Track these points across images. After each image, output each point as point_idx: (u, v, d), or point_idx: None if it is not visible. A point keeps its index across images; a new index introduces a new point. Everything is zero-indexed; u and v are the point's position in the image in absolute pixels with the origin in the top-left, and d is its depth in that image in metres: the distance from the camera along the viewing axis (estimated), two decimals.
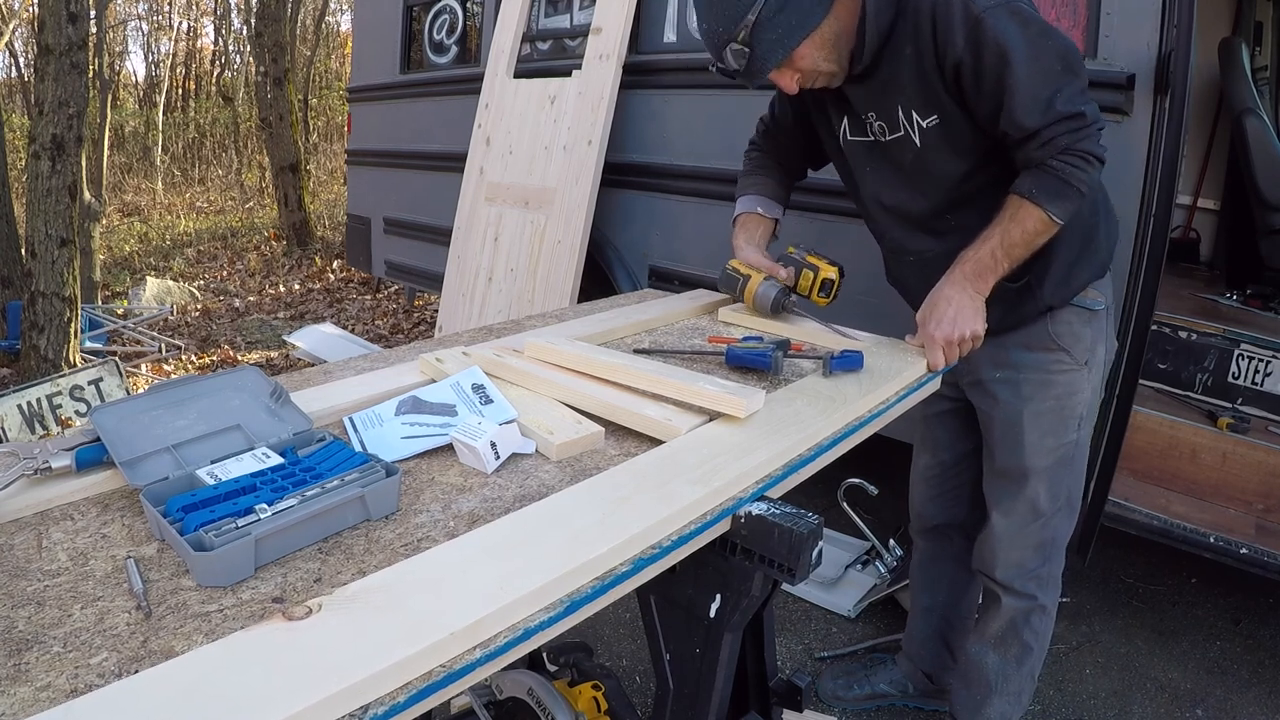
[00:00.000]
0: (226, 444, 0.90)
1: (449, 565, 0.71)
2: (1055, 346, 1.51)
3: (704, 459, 0.94)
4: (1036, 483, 1.56)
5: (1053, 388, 1.52)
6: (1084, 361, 1.52)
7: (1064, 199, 1.29)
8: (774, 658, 1.44)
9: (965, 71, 1.29)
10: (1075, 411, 1.53)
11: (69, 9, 3.82)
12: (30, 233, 3.98)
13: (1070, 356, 1.51)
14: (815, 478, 1.09)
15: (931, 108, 1.36)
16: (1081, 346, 1.51)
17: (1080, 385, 1.53)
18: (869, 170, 1.53)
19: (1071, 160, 1.27)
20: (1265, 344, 2.40)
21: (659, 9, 2.93)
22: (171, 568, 0.72)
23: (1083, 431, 1.56)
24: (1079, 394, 1.53)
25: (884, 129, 1.43)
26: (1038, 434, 1.54)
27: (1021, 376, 1.54)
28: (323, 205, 10.43)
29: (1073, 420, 1.54)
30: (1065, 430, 1.54)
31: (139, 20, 15.66)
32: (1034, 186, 1.30)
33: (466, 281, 3.55)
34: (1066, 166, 1.27)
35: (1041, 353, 1.52)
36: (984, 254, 1.34)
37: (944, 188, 1.44)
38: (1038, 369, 1.53)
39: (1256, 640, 2.30)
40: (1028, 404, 1.53)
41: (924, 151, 1.40)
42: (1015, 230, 1.32)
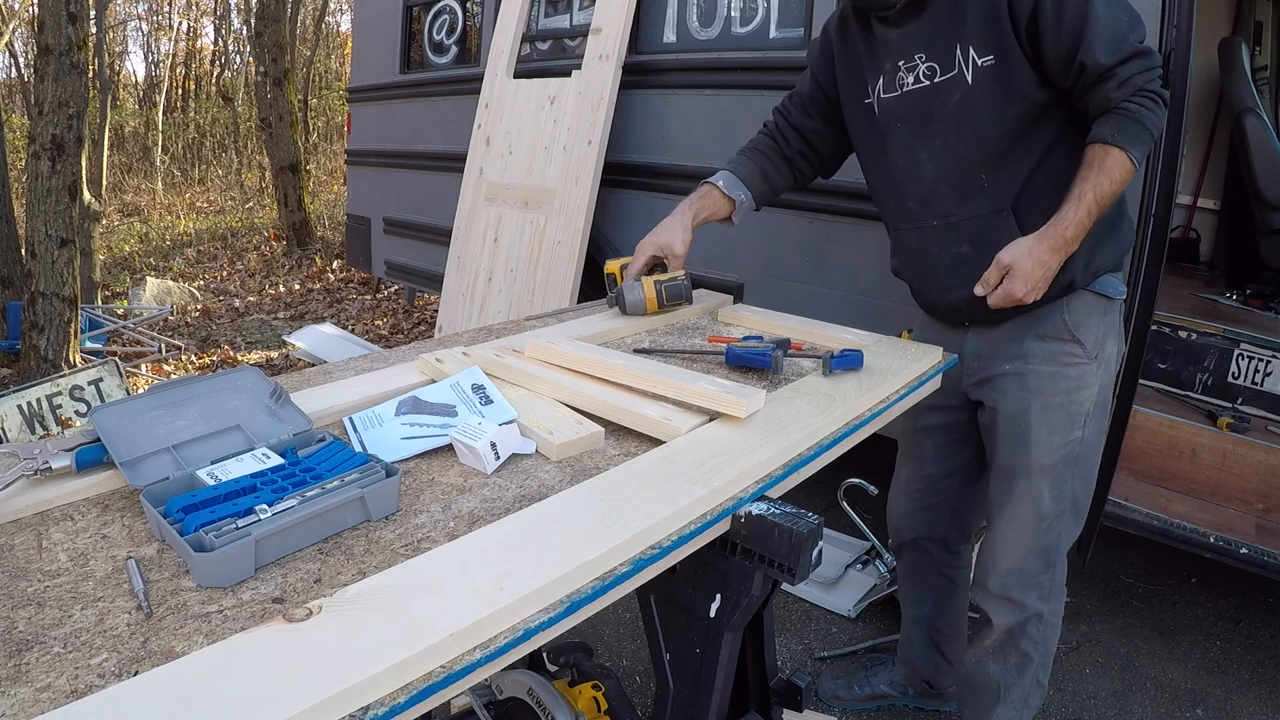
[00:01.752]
0: (226, 444, 0.90)
1: (449, 566, 0.71)
2: (1068, 336, 1.46)
3: (704, 459, 0.94)
4: (1040, 481, 1.50)
5: (1061, 381, 1.47)
6: (1094, 355, 1.47)
7: (1142, 142, 1.28)
8: (774, 658, 1.44)
9: (1045, 6, 1.28)
10: (1082, 407, 1.48)
11: (69, 9, 3.82)
12: (30, 233, 3.98)
13: (1082, 348, 1.46)
14: (815, 478, 1.09)
15: (990, 47, 1.33)
16: (1093, 338, 1.46)
17: (1089, 379, 1.47)
18: (900, 126, 1.48)
19: (1144, 102, 1.26)
20: (1265, 344, 2.40)
21: (659, 9, 2.93)
22: (172, 568, 0.72)
23: (1089, 429, 1.49)
24: (1087, 389, 1.47)
25: (934, 70, 1.39)
26: (1045, 430, 1.48)
27: (1030, 368, 1.48)
28: (323, 205, 10.43)
29: (1079, 416, 1.48)
30: (1071, 426, 1.48)
31: (139, 20, 15.67)
32: (1115, 131, 1.27)
33: (466, 281, 3.55)
34: (1141, 108, 1.26)
35: (1053, 342, 1.47)
36: (1081, 213, 1.29)
37: (984, 138, 1.39)
38: (1048, 360, 1.47)
39: (1256, 640, 2.30)
40: (1035, 398, 1.48)
41: (972, 94, 1.36)
42: (1105, 181, 1.28)
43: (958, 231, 1.45)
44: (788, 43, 2.59)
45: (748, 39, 2.69)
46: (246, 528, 0.72)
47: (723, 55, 2.75)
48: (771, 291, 2.62)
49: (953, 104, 1.38)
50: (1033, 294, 1.32)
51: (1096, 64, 1.27)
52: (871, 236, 2.41)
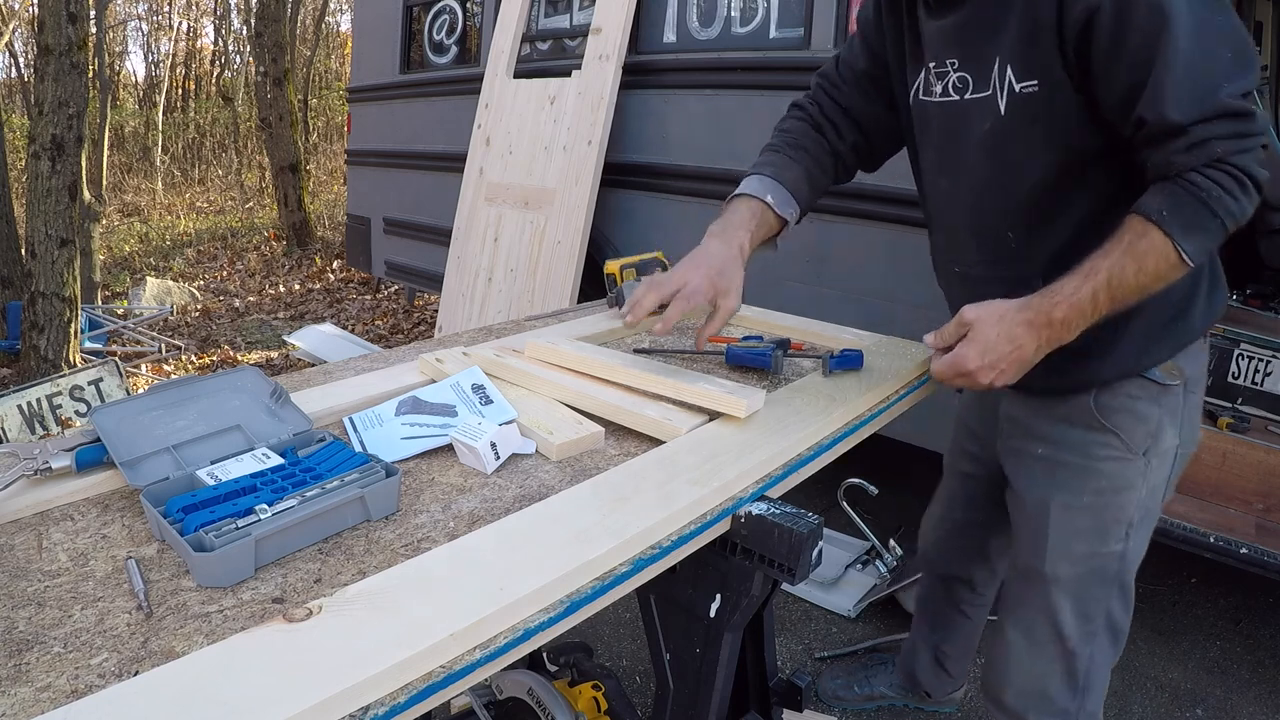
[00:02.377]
0: (226, 444, 0.90)
1: (449, 566, 0.71)
2: (1100, 425, 1.17)
3: (704, 459, 0.94)
4: (1059, 595, 1.23)
5: (1093, 478, 1.18)
6: (1141, 450, 1.16)
7: (1203, 233, 0.94)
8: (774, 658, 1.44)
9: (1101, 23, 0.94)
10: (1123, 514, 1.18)
11: (69, 9, 3.82)
12: (30, 233, 3.98)
13: (1121, 441, 1.16)
14: (815, 478, 1.09)
15: (1033, 69, 1.01)
16: (1141, 430, 1.15)
17: (1132, 480, 1.16)
18: (928, 139, 1.21)
19: (1222, 179, 0.93)
20: (1265, 344, 2.39)
21: (659, 9, 2.93)
22: (172, 568, 0.72)
23: (1132, 542, 1.20)
24: (1129, 491, 1.17)
25: (966, 83, 1.09)
26: (1066, 534, 1.21)
27: (1059, 457, 1.21)
28: (323, 205, 10.43)
29: (1117, 526, 1.18)
30: (1105, 537, 1.19)
31: (139, 20, 15.67)
32: (1167, 208, 0.95)
33: (466, 282, 3.55)
34: (1215, 186, 0.93)
35: (1084, 430, 1.18)
36: (1083, 296, 0.98)
37: (1016, 187, 1.10)
38: (1076, 450, 1.19)
39: (1256, 640, 2.30)
40: (1057, 494, 1.21)
41: (1006, 125, 1.06)
42: (1130, 268, 0.96)
43: (974, 289, 1.15)
44: (788, 43, 2.59)
45: (748, 39, 2.69)
46: (246, 528, 0.72)
47: (723, 55, 2.75)
48: (771, 291, 2.61)
49: (981, 133, 1.09)
50: (991, 375, 1.01)
51: (1162, 118, 0.93)
52: (872, 237, 2.41)
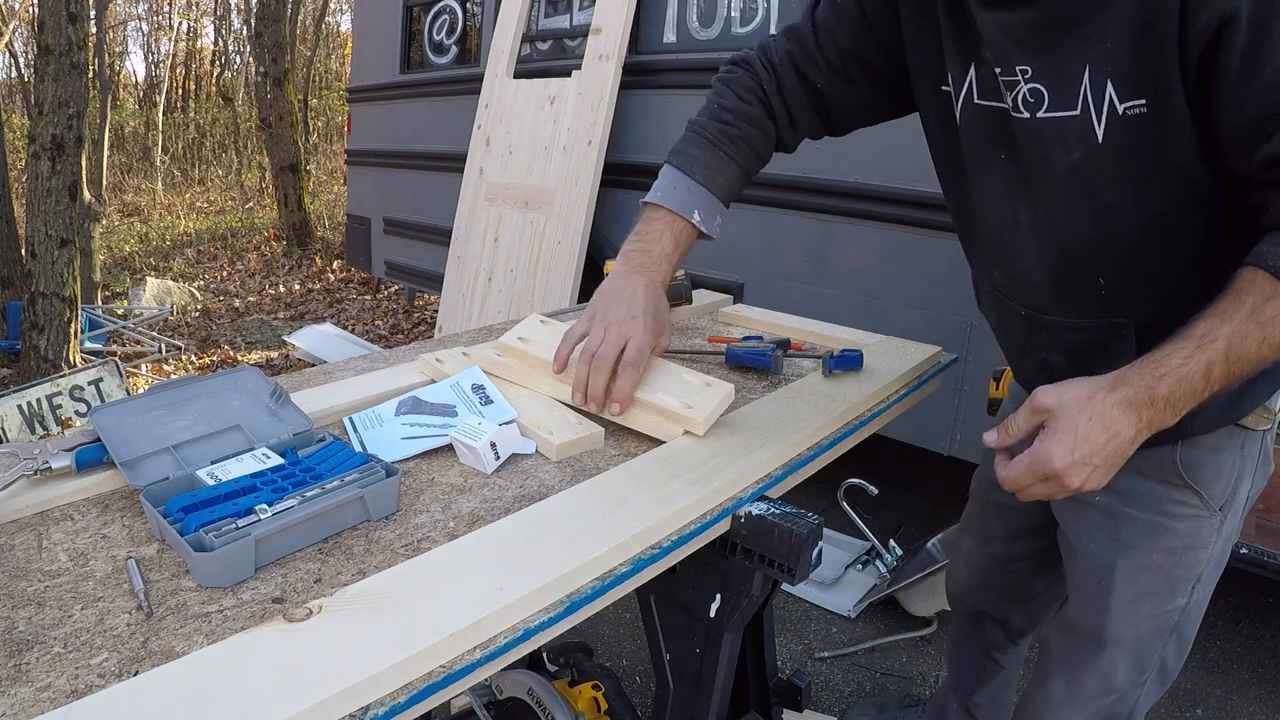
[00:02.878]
0: (226, 444, 0.90)
1: (449, 566, 0.71)
2: (1180, 482, 1.03)
3: (704, 459, 0.94)
4: (1116, 653, 1.12)
5: (1165, 538, 1.05)
6: (1219, 506, 1.03)
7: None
8: (774, 658, 1.44)
9: (1235, 36, 0.73)
10: (1192, 572, 1.06)
11: (69, 9, 3.82)
12: (30, 233, 3.99)
13: (1200, 498, 1.03)
14: (815, 478, 1.09)
15: (1143, 86, 0.80)
16: (1221, 484, 1.02)
17: (1206, 538, 1.05)
18: (988, 158, 0.98)
19: None
20: None
21: (659, 9, 2.93)
22: (172, 568, 0.72)
23: (1196, 596, 1.08)
24: (1202, 549, 1.05)
25: (1042, 98, 0.87)
26: (1130, 596, 1.08)
27: (1126, 511, 1.06)
28: (323, 205, 10.44)
29: (1184, 582, 1.07)
30: (1172, 594, 1.07)
31: (139, 20, 15.67)
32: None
33: (466, 282, 3.55)
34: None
35: (1158, 484, 1.04)
36: (1194, 370, 0.78)
37: (1115, 229, 0.89)
38: (1149, 506, 1.05)
39: (1256, 640, 2.30)
40: (1125, 553, 1.07)
41: (1104, 154, 0.85)
42: (1254, 335, 0.77)
43: (1050, 336, 1.02)
44: None
45: (748, 39, 2.69)
46: (246, 528, 0.72)
47: (723, 55, 2.74)
48: (771, 291, 2.62)
49: (1067, 164, 0.88)
50: (1084, 473, 0.81)
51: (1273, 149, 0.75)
52: (873, 237, 2.41)
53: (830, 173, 2.43)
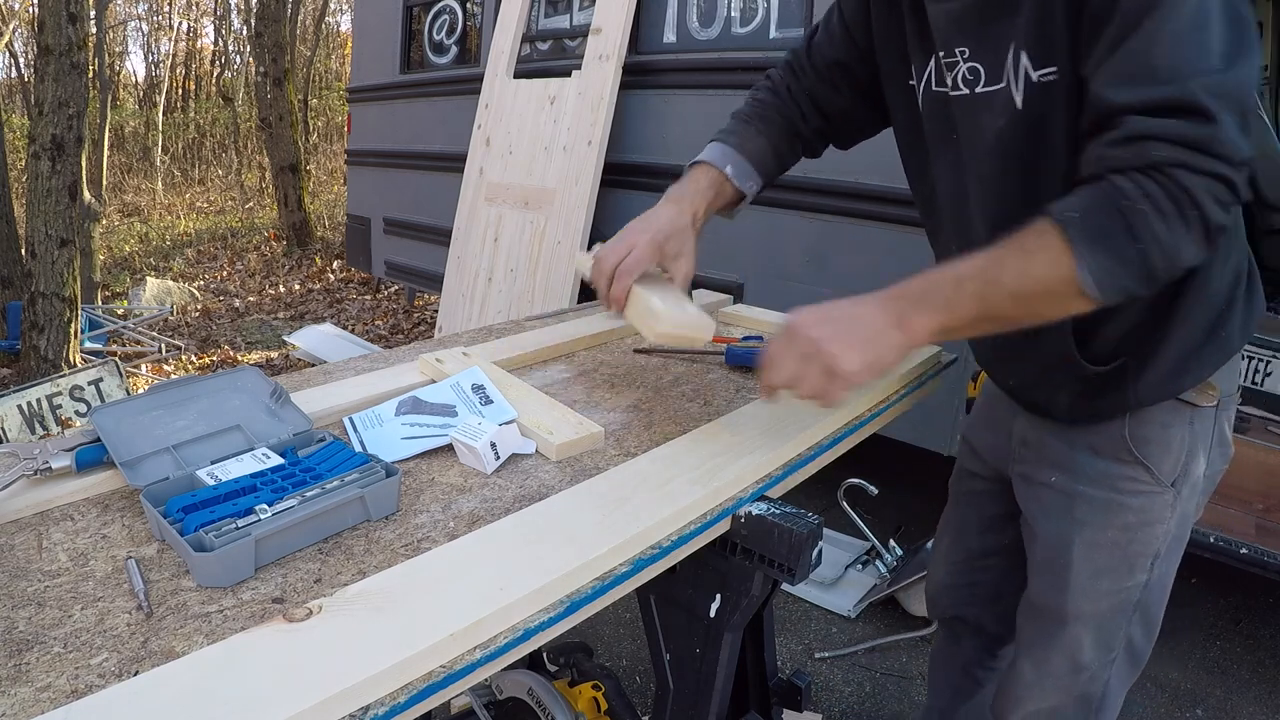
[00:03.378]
0: (226, 444, 0.90)
1: (449, 566, 0.71)
2: (1130, 457, 1.05)
3: (704, 459, 0.94)
4: (1079, 630, 1.14)
5: (1119, 514, 1.08)
6: (1170, 481, 1.05)
7: (1114, 255, 0.75)
8: (774, 658, 1.44)
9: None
10: (1149, 548, 1.08)
11: (69, 9, 3.82)
12: (30, 233, 3.99)
13: (1150, 474, 1.05)
14: (815, 478, 1.09)
15: (1051, 53, 0.85)
16: (1171, 459, 1.04)
17: (1161, 514, 1.07)
18: (940, 140, 1.04)
19: (1156, 193, 0.73)
20: (1265, 344, 2.39)
21: (659, 9, 2.93)
22: (172, 568, 0.72)
23: (1157, 572, 1.11)
24: (1157, 525, 1.07)
25: (978, 74, 0.94)
26: (1089, 572, 1.11)
27: (1079, 489, 1.10)
28: (323, 205, 10.44)
29: (1142, 559, 1.09)
30: (1130, 571, 1.10)
31: (139, 20, 15.68)
32: (1079, 209, 0.78)
33: (466, 282, 3.55)
34: (1145, 199, 0.74)
35: (1110, 462, 1.07)
36: (945, 280, 0.83)
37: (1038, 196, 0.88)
38: (1102, 483, 1.08)
39: (1256, 640, 2.30)
40: (1080, 530, 1.10)
41: (1021, 124, 0.91)
42: (1012, 265, 0.80)
43: None
44: (788, 43, 2.59)
45: (748, 39, 2.69)
46: (246, 528, 0.72)
47: (723, 55, 2.75)
48: (771, 291, 2.62)
49: (995, 133, 0.93)
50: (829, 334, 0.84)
51: (1099, 100, 0.78)
52: (872, 237, 2.41)
53: (830, 173, 2.42)
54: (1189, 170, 0.73)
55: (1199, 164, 0.73)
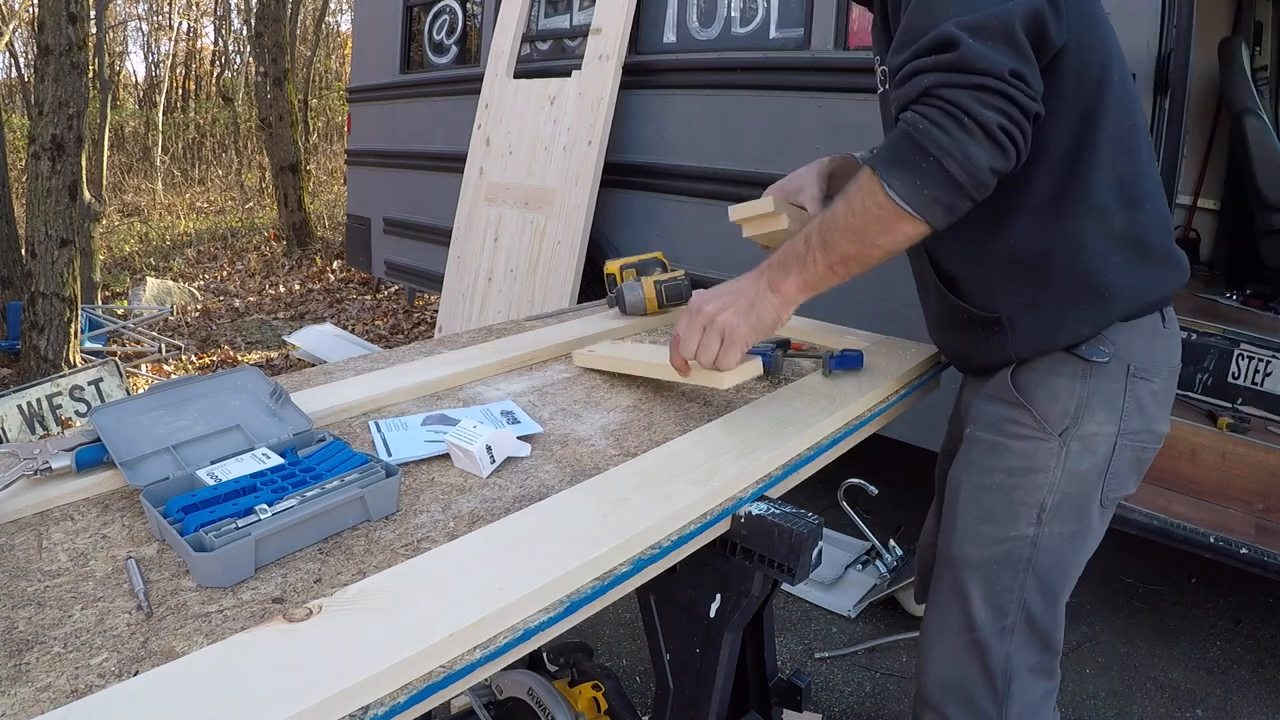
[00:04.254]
0: (226, 444, 0.90)
1: (449, 566, 0.71)
2: (1013, 399, 1.09)
3: (704, 459, 0.94)
4: (967, 580, 1.12)
5: (1003, 457, 1.09)
6: (1057, 431, 1.06)
7: (912, 170, 0.87)
8: (774, 658, 1.44)
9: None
10: (1033, 496, 1.08)
11: (69, 9, 3.82)
12: (30, 233, 3.99)
13: (1034, 418, 1.07)
14: (815, 478, 1.09)
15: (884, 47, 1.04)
16: (1058, 408, 1.06)
17: (1044, 462, 1.07)
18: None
19: (930, 112, 0.86)
20: (1265, 344, 2.40)
21: (659, 9, 2.93)
22: (172, 568, 0.72)
23: (1047, 529, 1.08)
24: (1041, 473, 1.07)
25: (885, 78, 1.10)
26: (974, 516, 1.12)
27: (973, 433, 1.15)
28: (323, 205, 10.44)
29: (1026, 508, 1.08)
30: (1014, 519, 1.09)
31: (139, 20, 15.67)
32: (882, 147, 0.93)
33: (466, 282, 3.55)
34: (921, 119, 0.86)
35: (999, 404, 1.11)
36: (799, 241, 0.97)
37: None
38: (991, 426, 1.12)
39: (1256, 640, 2.30)
40: (970, 472, 1.13)
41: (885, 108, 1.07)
42: (841, 210, 0.92)
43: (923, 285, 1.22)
44: (788, 43, 2.59)
45: (748, 39, 2.70)
46: (246, 528, 0.72)
47: (723, 55, 2.75)
48: None
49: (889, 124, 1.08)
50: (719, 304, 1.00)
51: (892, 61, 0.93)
52: None
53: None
54: (952, 87, 0.84)
55: (957, 79, 0.84)
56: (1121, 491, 1.11)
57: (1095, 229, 1.02)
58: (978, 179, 0.86)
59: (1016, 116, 0.85)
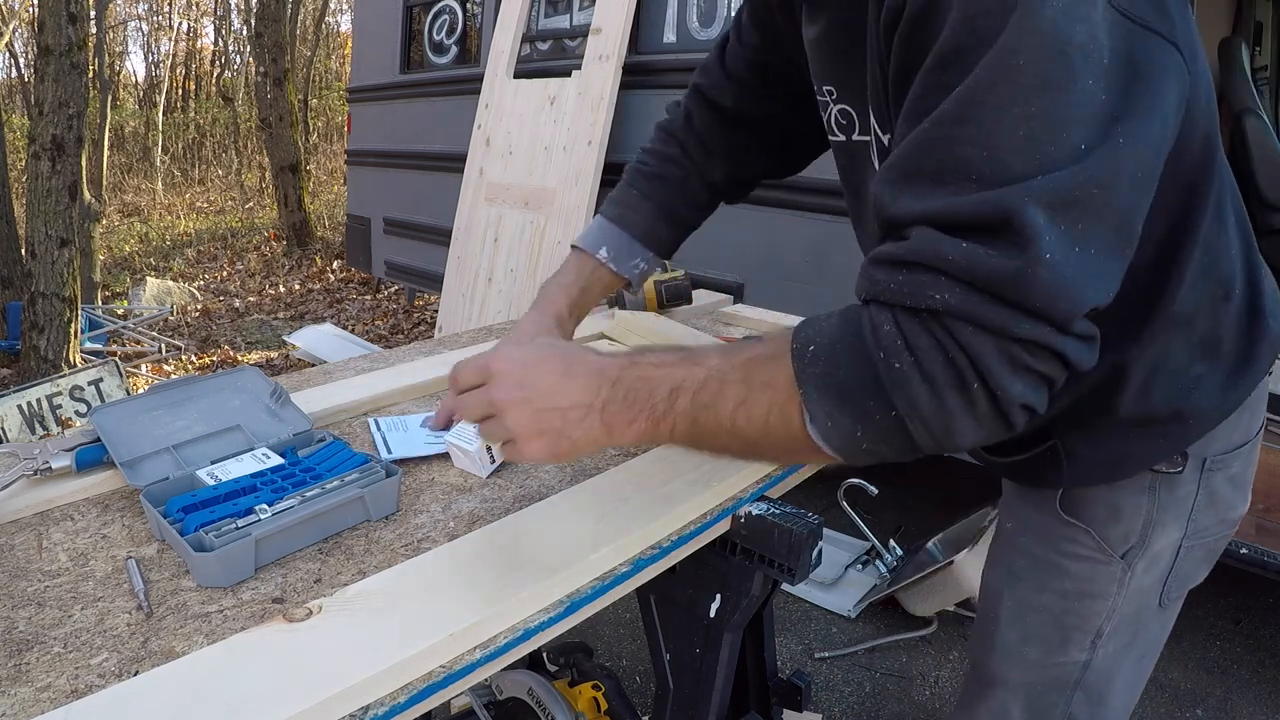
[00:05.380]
0: (227, 444, 0.90)
1: (449, 566, 0.71)
2: (1069, 520, 0.87)
3: (704, 459, 0.94)
4: (1006, 697, 0.96)
5: (1056, 578, 0.90)
6: (1121, 553, 0.85)
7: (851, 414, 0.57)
8: (774, 658, 1.44)
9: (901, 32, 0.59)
10: (1088, 623, 0.89)
11: (69, 9, 3.82)
12: (30, 233, 3.99)
13: (1093, 539, 0.86)
14: (815, 478, 1.09)
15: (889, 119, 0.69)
16: (1121, 528, 0.85)
17: (1104, 587, 0.87)
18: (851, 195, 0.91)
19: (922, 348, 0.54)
20: None
21: (659, 9, 2.93)
22: (172, 568, 0.72)
23: (1102, 653, 0.90)
24: (1099, 599, 0.88)
25: (851, 121, 0.80)
26: (1017, 635, 0.93)
27: (1020, 541, 0.93)
28: (323, 205, 10.43)
29: (1081, 635, 0.90)
30: (1064, 646, 0.91)
31: (139, 20, 15.68)
32: (824, 341, 0.59)
33: (466, 282, 3.55)
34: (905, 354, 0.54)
35: (1050, 518, 0.89)
36: (663, 380, 0.65)
37: None
38: (1043, 540, 0.90)
39: (1256, 640, 2.30)
40: (1014, 586, 0.93)
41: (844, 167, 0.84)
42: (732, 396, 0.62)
43: None
44: None
45: None
46: (246, 528, 0.72)
47: None
48: (771, 291, 2.62)
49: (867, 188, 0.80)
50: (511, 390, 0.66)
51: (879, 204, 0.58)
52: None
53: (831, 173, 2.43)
54: (980, 329, 0.52)
55: (991, 320, 0.51)
56: (1186, 587, 0.92)
57: (1180, 341, 0.76)
58: (950, 449, 0.58)
59: (1057, 381, 0.55)
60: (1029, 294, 0.50)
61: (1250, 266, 0.79)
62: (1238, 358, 0.79)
